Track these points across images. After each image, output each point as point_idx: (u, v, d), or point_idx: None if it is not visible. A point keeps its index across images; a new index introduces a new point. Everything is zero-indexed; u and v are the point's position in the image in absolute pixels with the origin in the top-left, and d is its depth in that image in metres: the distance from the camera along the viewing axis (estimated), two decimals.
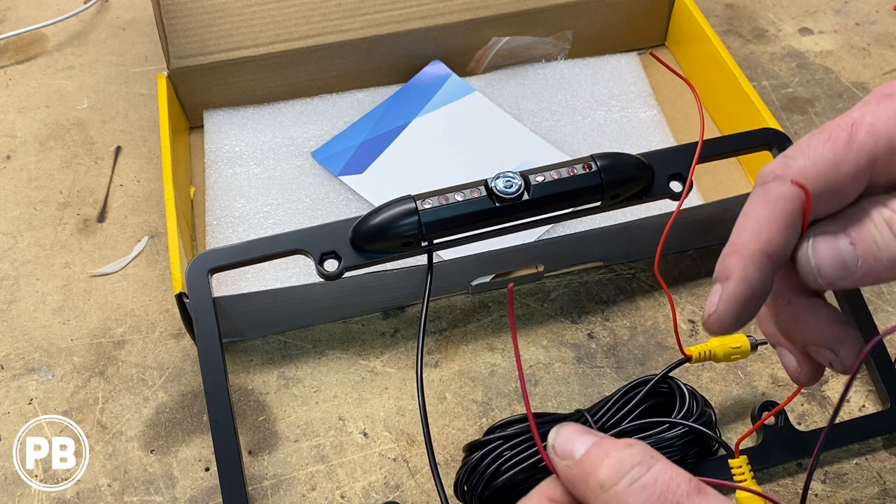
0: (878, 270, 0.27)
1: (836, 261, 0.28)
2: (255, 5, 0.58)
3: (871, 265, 0.27)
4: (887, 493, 0.45)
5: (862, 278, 0.28)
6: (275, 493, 0.45)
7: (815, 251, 0.28)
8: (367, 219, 0.42)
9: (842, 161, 0.28)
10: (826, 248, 0.28)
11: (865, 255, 0.27)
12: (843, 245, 0.27)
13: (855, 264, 0.27)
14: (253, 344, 0.51)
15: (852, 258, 0.27)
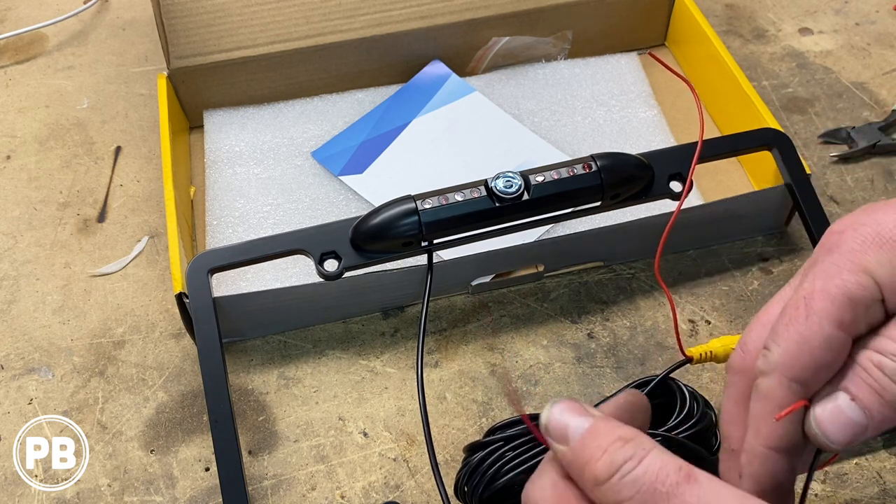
0: (889, 414, 0.27)
1: (843, 423, 0.28)
2: (255, 5, 0.58)
3: (879, 411, 0.27)
4: (887, 493, 0.45)
5: (879, 427, 0.28)
6: (275, 493, 0.45)
7: (818, 422, 0.28)
8: (367, 219, 0.42)
9: (809, 338, 0.28)
10: (829, 414, 0.28)
11: (870, 406, 0.27)
12: (845, 403, 0.28)
13: (863, 418, 0.27)
14: (253, 344, 0.51)
15: (858, 414, 0.28)
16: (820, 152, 0.61)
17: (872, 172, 0.59)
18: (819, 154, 0.61)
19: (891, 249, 0.28)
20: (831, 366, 0.29)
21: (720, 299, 0.53)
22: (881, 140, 0.60)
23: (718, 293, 0.53)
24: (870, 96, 0.64)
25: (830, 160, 0.60)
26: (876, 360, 0.27)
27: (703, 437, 0.43)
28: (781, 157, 0.51)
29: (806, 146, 0.61)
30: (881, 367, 0.27)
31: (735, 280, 0.54)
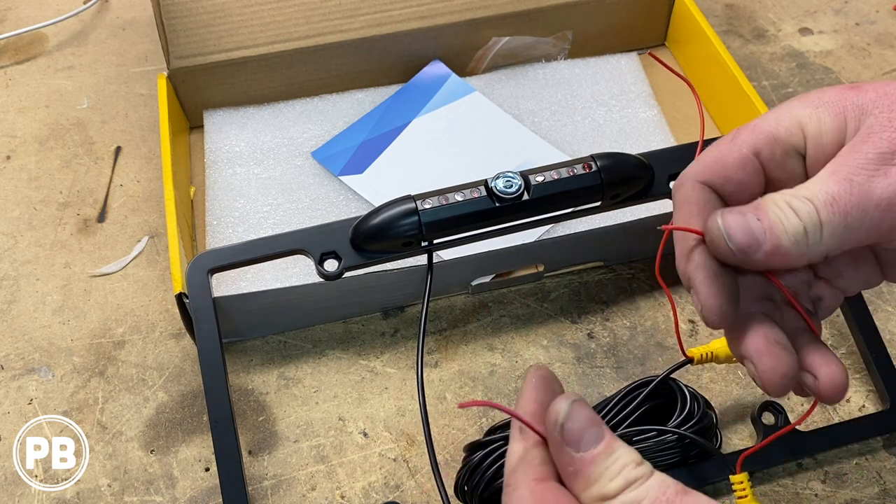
0: (785, 245, 0.29)
1: (744, 229, 0.30)
2: (255, 5, 0.58)
3: (777, 237, 0.29)
4: (887, 493, 0.45)
5: (771, 254, 0.30)
6: (275, 493, 0.45)
7: (724, 220, 0.30)
8: (367, 219, 0.42)
9: (727, 154, 0.32)
10: (734, 219, 0.30)
11: (771, 228, 0.29)
12: (751, 219, 0.30)
13: (763, 235, 0.30)
14: (253, 344, 0.51)
15: (759, 229, 0.30)
16: None
17: None
18: None
19: (825, 110, 0.31)
20: (741, 185, 0.32)
21: None
22: None
23: None
24: None
25: None
26: (787, 198, 0.30)
27: (704, 437, 0.43)
28: None
29: None
30: (790, 203, 0.29)
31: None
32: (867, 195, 0.28)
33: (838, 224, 0.29)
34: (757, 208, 0.30)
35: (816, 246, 0.29)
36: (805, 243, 0.29)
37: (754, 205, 0.30)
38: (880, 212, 0.28)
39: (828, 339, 0.51)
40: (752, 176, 0.33)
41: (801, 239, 0.29)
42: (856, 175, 0.29)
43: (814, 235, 0.29)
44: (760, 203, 0.30)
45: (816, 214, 0.29)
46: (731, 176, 0.32)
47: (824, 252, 0.29)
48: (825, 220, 0.29)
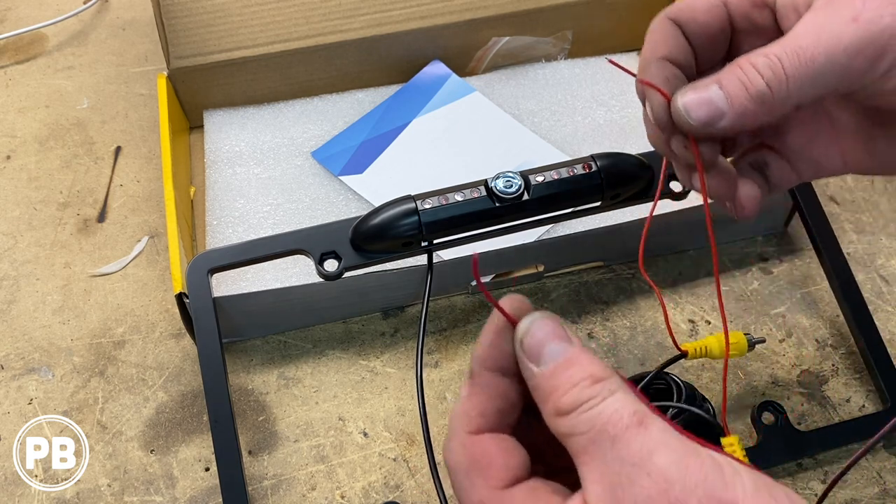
0: (750, 106, 0.30)
1: (704, 101, 0.30)
2: (255, 5, 0.58)
3: (741, 101, 0.30)
4: (887, 493, 0.45)
5: (739, 117, 0.30)
6: (275, 493, 0.45)
7: (683, 98, 0.31)
8: (367, 219, 0.42)
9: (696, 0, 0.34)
10: (693, 93, 0.31)
11: (733, 93, 0.30)
12: (712, 89, 0.30)
13: (724, 102, 0.30)
14: (253, 344, 0.51)
15: (720, 98, 0.30)
16: None
17: None
18: None
19: None
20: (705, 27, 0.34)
21: None
22: None
23: None
24: None
25: None
26: (752, 58, 0.30)
27: (700, 421, 0.42)
28: None
29: None
30: (754, 64, 0.30)
31: (735, 280, 0.54)
32: (836, 42, 0.29)
33: (805, 73, 0.29)
34: (721, 76, 0.30)
35: (782, 99, 0.29)
36: (770, 98, 0.29)
37: (717, 76, 0.31)
38: (848, 58, 0.29)
39: (828, 339, 0.51)
40: (717, 23, 0.34)
41: (766, 97, 0.29)
42: (825, 24, 0.29)
43: (779, 88, 0.29)
44: (725, 71, 0.31)
45: (781, 67, 0.29)
46: (697, 17, 0.34)
47: (794, 104, 0.30)
48: (790, 71, 0.29)
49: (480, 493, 0.27)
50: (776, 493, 0.23)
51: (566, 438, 0.26)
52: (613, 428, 0.25)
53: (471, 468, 0.27)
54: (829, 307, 0.52)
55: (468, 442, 0.28)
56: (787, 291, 0.53)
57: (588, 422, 0.25)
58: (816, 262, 0.53)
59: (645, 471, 0.24)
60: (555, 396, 0.26)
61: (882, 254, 0.55)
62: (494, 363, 0.28)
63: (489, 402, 0.28)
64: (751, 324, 0.51)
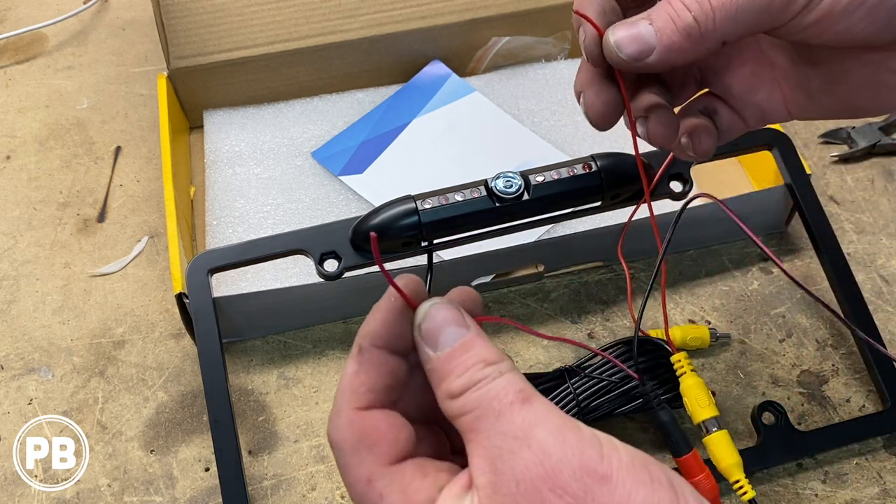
0: (678, 40, 0.30)
1: (634, 36, 0.31)
2: (255, 5, 0.58)
3: (668, 36, 0.30)
4: (887, 493, 0.45)
5: (667, 52, 0.30)
6: (275, 493, 0.45)
7: (614, 33, 0.31)
8: (367, 219, 0.42)
9: None
10: (624, 29, 0.31)
11: (662, 28, 0.30)
12: (642, 25, 0.31)
13: (653, 37, 0.30)
14: (253, 344, 0.51)
15: (649, 32, 0.30)
16: (820, 152, 0.61)
17: (872, 172, 0.59)
18: (819, 154, 0.61)
19: None
20: None
21: (720, 299, 0.53)
22: (881, 140, 0.60)
23: (718, 293, 0.53)
24: None
25: (830, 160, 0.60)
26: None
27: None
28: (781, 157, 0.51)
29: (806, 146, 0.61)
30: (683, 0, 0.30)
31: (735, 280, 0.54)
32: None
33: (729, 8, 0.29)
34: (650, 13, 0.31)
35: (711, 34, 0.30)
36: (697, 32, 0.30)
37: (648, 12, 0.31)
38: None
39: (828, 339, 0.51)
40: None
41: (693, 31, 0.30)
42: None
43: (706, 22, 0.29)
44: (654, 7, 0.31)
45: (708, 2, 0.29)
46: None
47: (720, 39, 0.30)
48: (716, 5, 0.29)
49: (369, 469, 0.27)
50: (653, 469, 0.24)
51: (456, 420, 0.26)
52: (499, 404, 0.25)
53: (359, 444, 0.27)
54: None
55: (356, 417, 0.28)
56: (787, 291, 0.53)
57: (475, 400, 0.26)
58: (816, 262, 0.53)
59: (525, 443, 0.24)
60: (448, 380, 0.27)
61: (882, 254, 0.55)
62: (386, 342, 0.30)
63: (378, 379, 0.29)
64: (751, 324, 0.51)
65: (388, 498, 0.26)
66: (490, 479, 0.25)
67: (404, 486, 0.27)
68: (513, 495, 0.24)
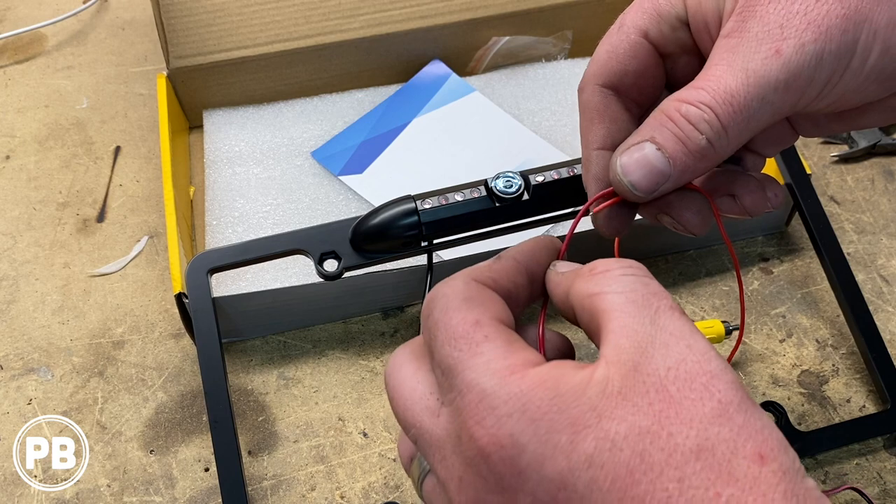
0: (692, 163, 0.29)
1: (648, 170, 0.29)
2: (255, 5, 0.58)
3: (683, 161, 0.29)
4: (887, 493, 0.45)
5: (681, 176, 0.29)
6: (275, 494, 0.45)
7: (623, 168, 0.30)
8: (366, 219, 0.42)
9: (617, 45, 0.32)
10: (634, 162, 0.29)
11: (674, 154, 0.29)
12: (650, 152, 0.29)
13: (668, 166, 0.29)
14: (253, 344, 0.51)
15: (662, 161, 0.29)
16: (820, 152, 0.61)
17: (872, 172, 0.59)
18: (819, 154, 0.61)
19: None
20: (638, 75, 0.32)
21: (720, 299, 0.53)
22: (881, 140, 0.60)
23: (718, 293, 0.53)
24: None
25: (831, 160, 0.60)
26: (683, 109, 0.28)
27: None
28: (782, 157, 0.51)
29: (806, 146, 0.61)
30: (687, 116, 0.28)
31: (735, 280, 0.54)
32: (765, 82, 0.28)
33: (741, 121, 0.28)
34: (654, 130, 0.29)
35: (724, 149, 0.29)
36: (712, 152, 0.29)
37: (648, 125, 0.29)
38: (780, 95, 0.28)
39: (828, 339, 0.51)
40: (646, 62, 0.32)
41: (707, 152, 0.28)
42: (749, 62, 0.28)
43: (719, 141, 0.28)
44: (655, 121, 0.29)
45: (717, 120, 0.28)
46: (627, 68, 0.32)
47: (735, 147, 0.29)
48: (727, 122, 0.28)
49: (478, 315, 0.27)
50: None
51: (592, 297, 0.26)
52: (657, 301, 0.25)
53: (471, 298, 0.28)
54: (829, 307, 0.52)
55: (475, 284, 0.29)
56: (788, 291, 0.53)
57: (629, 284, 0.26)
58: (817, 262, 0.53)
59: (685, 343, 0.24)
60: (591, 265, 0.28)
61: (882, 254, 0.55)
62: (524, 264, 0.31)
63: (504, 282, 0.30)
64: (751, 324, 0.51)
65: (493, 341, 0.26)
66: (633, 357, 0.24)
67: (510, 339, 0.26)
68: (660, 378, 0.23)
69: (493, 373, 0.25)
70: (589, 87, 0.33)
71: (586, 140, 0.33)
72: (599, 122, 0.33)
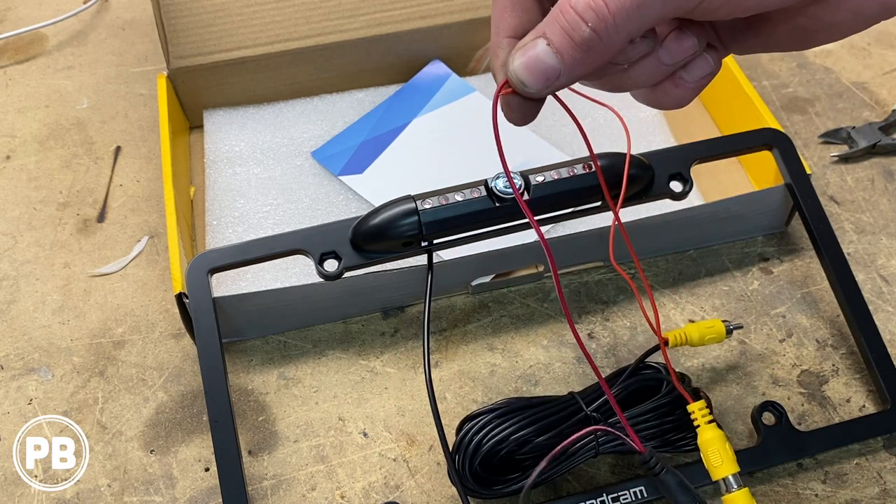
0: (581, 56, 0.28)
1: (538, 66, 0.29)
2: (255, 5, 0.58)
3: (571, 56, 0.28)
4: (887, 493, 0.45)
5: (573, 71, 0.28)
6: (275, 493, 0.45)
7: (515, 67, 0.29)
8: (366, 219, 0.42)
9: None
10: (526, 60, 0.29)
11: (562, 48, 0.28)
12: (541, 49, 0.28)
13: (557, 61, 0.28)
14: (253, 344, 0.51)
15: (551, 57, 0.28)
16: (820, 152, 0.61)
17: (873, 172, 0.59)
18: (819, 154, 0.61)
19: None
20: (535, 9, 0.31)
21: (720, 299, 0.53)
22: (881, 140, 0.60)
23: (718, 293, 0.53)
24: (870, 96, 0.64)
25: (831, 160, 0.60)
26: (573, 1, 0.27)
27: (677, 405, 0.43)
28: (781, 157, 0.51)
29: (806, 146, 0.61)
30: (575, 7, 0.27)
31: (735, 280, 0.54)
32: None
33: (630, 6, 0.27)
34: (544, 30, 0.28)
35: (613, 39, 0.27)
36: (599, 43, 0.27)
37: (541, 27, 0.29)
38: None
39: (828, 339, 0.51)
40: None
41: (593, 42, 0.27)
42: None
43: (606, 31, 0.27)
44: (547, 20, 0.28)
45: (605, 7, 0.27)
46: None
47: (626, 39, 0.28)
48: (615, 7, 0.27)
49: None
50: None
51: None
52: None
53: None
54: (829, 307, 0.52)
55: None
56: (787, 291, 0.53)
57: None
58: (816, 262, 0.53)
59: None
60: None
61: (882, 254, 0.55)
62: None
63: None
64: (751, 324, 0.51)
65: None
66: None
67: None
68: None
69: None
70: None
71: (497, 27, 0.33)
72: (512, 10, 0.32)
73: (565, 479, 0.45)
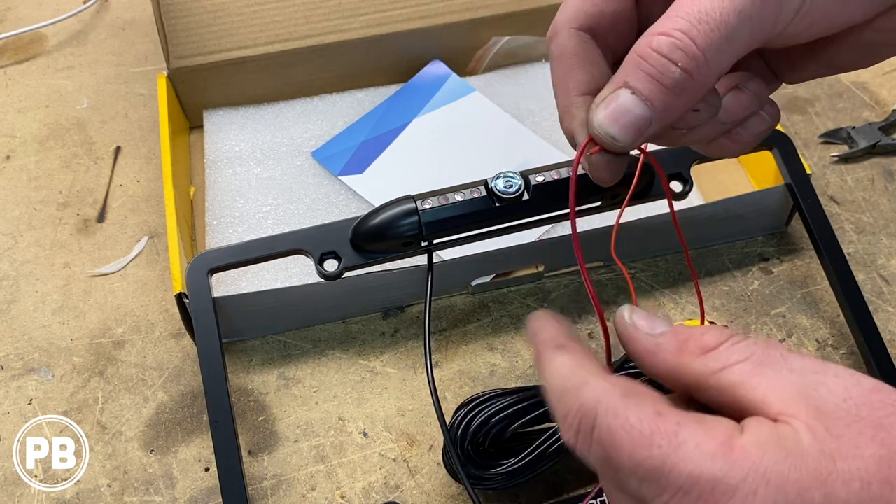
0: (673, 102, 0.27)
1: (626, 118, 0.27)
2: (255, 5, 0.58)
3: (663, 101, 0.26)
4: None
5: (665, 116, 0.27)
6: (275, 493, 0.45)
7: (600, 122, 0.28)
8: (366, 219, 0.42)
9: None
10: (611, 113, 0.27)
11: (651, 95, 0.26)
12: (626, 99, 0.27)
13: (646, 109, 0.27)
14: (253, 344, 0.51)
15: (639, 106, 0.27)
16: (820, 152, 0.61)
17: (873, 172, 0.59)
18: (819, 154, 0.61)
19: None
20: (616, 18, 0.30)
21: (720, 299, 0.53)
22: (881, 140, 0.60)
23: (718, 293, 0.53)
24: (870, 96, 0.64)
25: (831, 160, 0.60)
26: (654, 43, 0.26)
27: None
28: (782, 157, 0.51)
29: (806, 146, 0.61)
30: (659, 49, 0.26)
31: (735, 280, 0.54)
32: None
33: (720, 40, 0.25)
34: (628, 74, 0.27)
35: (705, 76, 0.26)
36: (691, 82, 0.26)
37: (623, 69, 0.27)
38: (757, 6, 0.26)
39: (828, 339, 0.51)
40: (622, 2, 0.30)
41: (685, 83, 0.26)
42: None
43: (698, 69, 0.26)
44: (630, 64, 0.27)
45: (693, 45, 0.25)
46: (603, 10, 0.30)
47: (717, 74, 0.27)
48: (704, 44, 0.25)
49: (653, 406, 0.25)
50: None
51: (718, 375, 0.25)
52: (776, 350, 0.25)
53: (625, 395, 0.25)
54: (829, 307, 0.52)
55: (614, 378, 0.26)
56: (788, 291, 0.53)
57: (746, 349, 0.25)
58: (816, 262, 0.53)
59: (832, 374, 0.24)
60: (694, 338, 0.26)
61: (882, 254, 0.55)
62: None
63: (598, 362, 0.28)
64: (751, 324, 0.51)
65: (688, 427, 0.24)
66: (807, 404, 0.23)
67: (699, 417, 0.24)
68: (846, 410, 0.23)
69: (712, 455, 0.23)
70: (564, 31, 0.30)
71: (565, 87, 0.30)
72: (580, 67, 0.30)
73: (565, 478, 0.45)
